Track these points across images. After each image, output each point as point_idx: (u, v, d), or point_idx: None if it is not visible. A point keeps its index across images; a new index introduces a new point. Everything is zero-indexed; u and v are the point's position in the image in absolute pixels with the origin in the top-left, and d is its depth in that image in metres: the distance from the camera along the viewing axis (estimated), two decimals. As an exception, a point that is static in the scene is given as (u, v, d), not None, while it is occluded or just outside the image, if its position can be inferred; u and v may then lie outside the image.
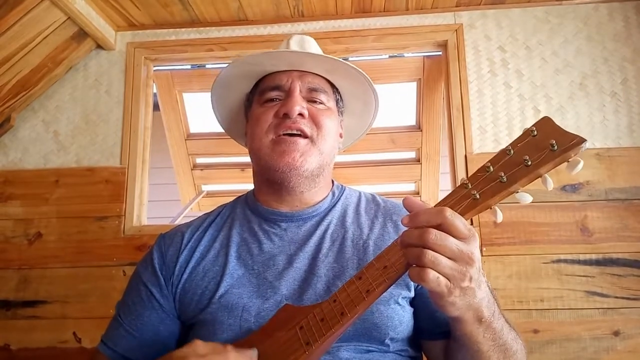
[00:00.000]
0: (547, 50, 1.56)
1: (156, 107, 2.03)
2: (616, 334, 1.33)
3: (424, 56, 2.04)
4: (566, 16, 1.58)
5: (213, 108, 1.03)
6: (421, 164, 2.53)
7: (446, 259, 0.55)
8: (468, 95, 1.55)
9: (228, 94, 0.99)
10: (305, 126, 0.85)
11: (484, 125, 1.53)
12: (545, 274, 1.39)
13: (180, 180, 2.67)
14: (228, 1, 1.57)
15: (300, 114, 0.85)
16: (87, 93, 1.67)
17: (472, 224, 1.44)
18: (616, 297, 1.36)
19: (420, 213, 0.58)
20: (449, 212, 0.56)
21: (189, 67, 2.15)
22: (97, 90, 1.67)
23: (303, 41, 0.97)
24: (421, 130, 2.35)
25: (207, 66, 2.13)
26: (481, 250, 1.41)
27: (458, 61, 1.58)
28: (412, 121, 2.39)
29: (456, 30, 1.61)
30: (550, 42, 1.57)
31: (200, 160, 2.65)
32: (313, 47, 0.98)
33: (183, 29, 1.69)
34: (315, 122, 0.86)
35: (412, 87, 2.23)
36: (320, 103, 0.90)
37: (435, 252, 0.55)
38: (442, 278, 0.55)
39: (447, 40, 1.60)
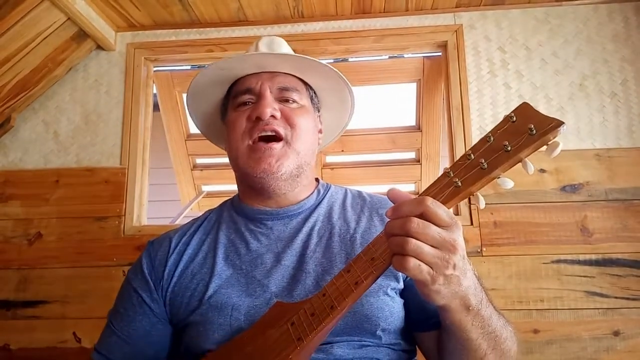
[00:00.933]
0: (547, 51, 1.57)
1: (156, 107, 2.03)
2: (616, 334, 1.34)
3: (423, 57, 2.04)
4: (566, 17, 1.58)
5: (191, 117, 1.03)
6: (421, 164, 2.53)
7: (429, 246, 0.56)
8: (468, 95, 1.55)
9: (202, 102, 0.99)
10: (279, 127, 0.85)
11: (483, 125, 1.53)
12: (545, 274, 1.39)
13: (180, 180, 2.67)
14: (228, 2, 1.57)
15: (273, 116, 0.85)
16: (87, 93, 1.68)
17: (471, 223, 1.44)
18: (616, 297, 1.36)
19: (403, 204, 0.59)
20: (430, 201, 0.57)
21: (189, 67, 2.14)
22: (97, 90, 1.67)
23: (272, 43, 0.97)
24: (421, 131, 2.35)
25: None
26: (481, 251, 1.41)
27: (458, 62, 1.58)
28: (412, 122, 2.39)
29: (456, 31, 1.61)
30: (550, 43, 1.57)
31: (200, 160, 2.65)
32: (283, 48, 0.97)
33: (183, 30, 1.69)
34: (288, 122, 0.86)
35: (412, 87, 2.23)
36: (293, 102, 0.90)
37: (418, 240, 0.56)
38: (424, 265, 0.56)
39: (446, 41, 1.60)
